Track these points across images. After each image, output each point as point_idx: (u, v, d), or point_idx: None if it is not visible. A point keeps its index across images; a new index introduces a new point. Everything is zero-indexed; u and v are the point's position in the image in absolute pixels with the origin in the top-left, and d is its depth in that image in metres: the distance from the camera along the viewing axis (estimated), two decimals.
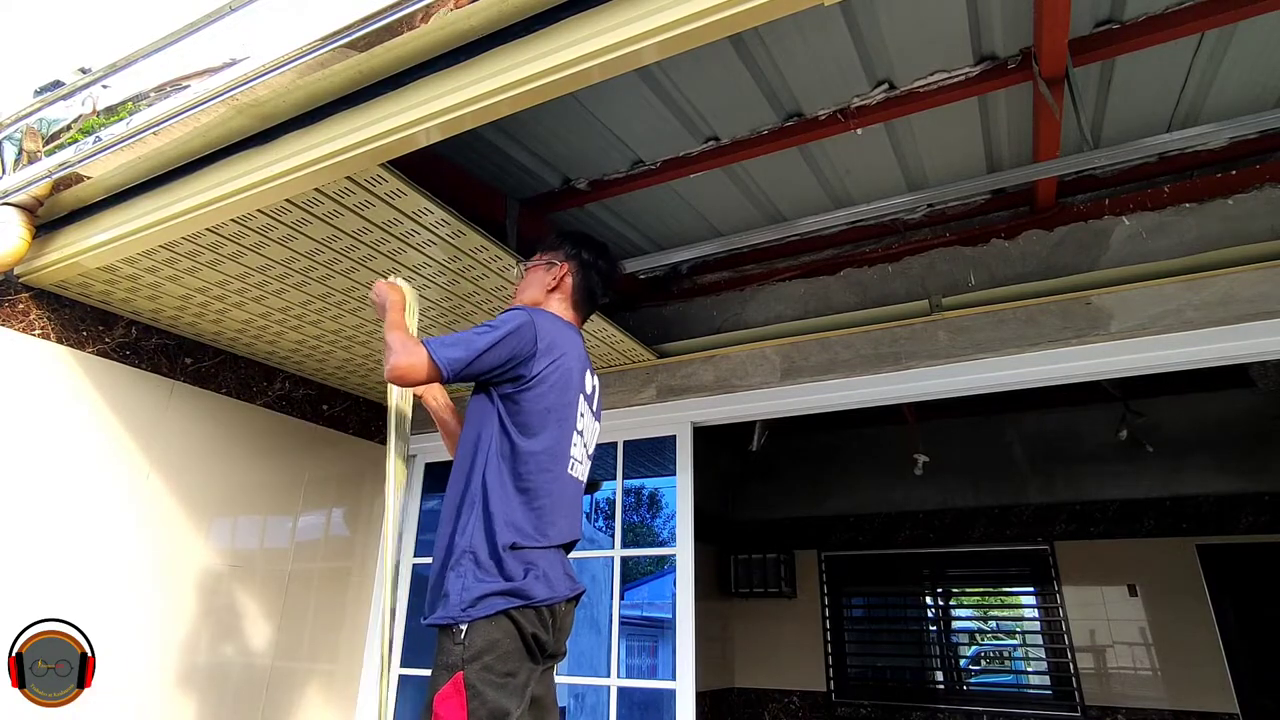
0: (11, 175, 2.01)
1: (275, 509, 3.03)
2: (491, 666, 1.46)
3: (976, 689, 5.22)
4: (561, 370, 1.67)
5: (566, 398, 1.68)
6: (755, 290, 3.01)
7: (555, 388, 1.66)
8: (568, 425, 1.69)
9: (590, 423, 1.82)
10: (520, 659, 1.51)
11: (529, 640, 1.52)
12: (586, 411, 1.78)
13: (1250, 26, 1.84)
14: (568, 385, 1.69)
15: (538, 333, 1.64)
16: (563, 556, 1.69)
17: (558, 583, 1.60)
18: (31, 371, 2.26)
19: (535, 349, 1.62)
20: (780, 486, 5.87)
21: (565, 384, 1.68)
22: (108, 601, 2.37)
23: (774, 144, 2.22)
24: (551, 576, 1.59)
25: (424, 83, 1.50)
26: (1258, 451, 4.48)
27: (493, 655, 1.48)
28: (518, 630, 1.51)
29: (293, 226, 2.05)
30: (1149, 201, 2.41)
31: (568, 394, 1.69)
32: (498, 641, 1.49)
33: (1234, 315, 2.20)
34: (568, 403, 1.69)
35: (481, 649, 1.47)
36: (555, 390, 1.66)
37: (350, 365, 3.13)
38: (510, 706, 1.46)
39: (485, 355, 1.57)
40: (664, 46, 1.32)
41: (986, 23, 1.84)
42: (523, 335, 1.61)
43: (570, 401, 1.70)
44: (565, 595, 1.62)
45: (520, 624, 1.51)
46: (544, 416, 1.64)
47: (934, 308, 2.59)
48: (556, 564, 1.64)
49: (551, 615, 1.58)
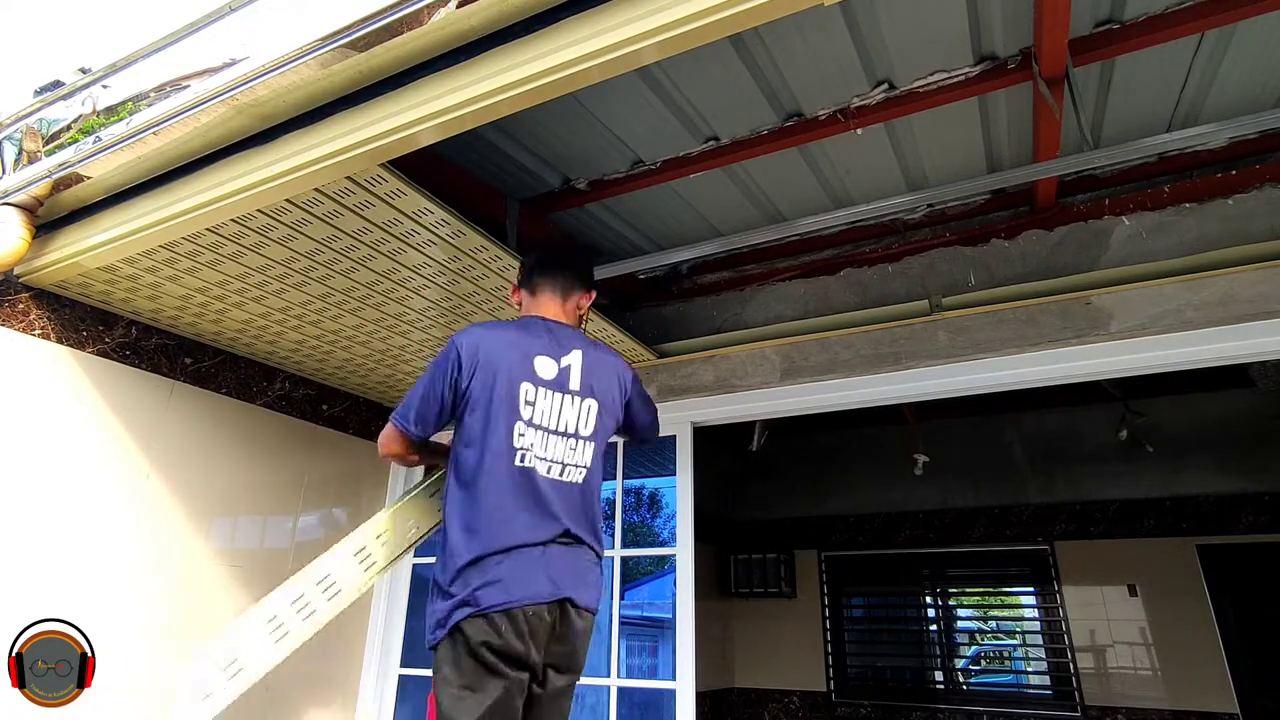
0: (11, 175, 2.01)
1: (275, 509, 3.03)
2: (449, 679, 1.50)
3: (976, 689, 5.23)
4: (484, 371, 1.66)
5: (495, 393, 1.65)
6: (755, 290, 3.01)
7: (482, 388, 1.66)
8: (504, 420, 1.64)
9: (556, 405, 1.71)
10: (476, 671, 1.50)
11: (476, 649, 1.49)
12: (544, 396, 1.70)
13: (1250, 26, 1.84)
14: (493, 382, 1.66)
15: (458, 350, 1.68)
16: (547, 558, 1.60)
17: (520, 586, 1.54)
18: (31, 371, 2.26)
19: (460, 365, 1.66)
20: (780, 486, 5.87)
21: (490, 381, 1.66)
22: (108, 601, 2.37)
23: (774, 144, 2.22)
24: (510, 581, 1.54)
25: (424, 82, 1.50)
26: (1258, 451, 4.49)
27: (448, 668, 1.51)
28: (465, 640, 1.51)
29: (293, 226, 2.05)
30: (1149, 201, 2.41)
31: (496, 389, 1.65)
32: (451, 656, 1.52)
33: (1234, 315, 2.20)
34: (499, 397, 1.65)
35: (440, 665, 1.53)
36: (482, 391, 1.65)
37: (350, 365, 3.14)
38: (459, 718, 1.46)
39: (425, 394, 1.66)
40: (664, 46, 1.32)
41: (986, 23, 1.84)
42: (442, 360, 1.68)
43: (503, 395, 1.65)
44: (529, 599, 1.54)
45: (467, 634, 1.51)
46: (474, 422, 1.65)
47: (934, 308, 2.59)
48: (530, 567, 1.57)
49: (511, 621, 1.52)
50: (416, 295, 2.50)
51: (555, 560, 1.61)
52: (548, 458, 1.67)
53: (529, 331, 1.76)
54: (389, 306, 2.57)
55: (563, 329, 1.82)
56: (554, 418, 1.70)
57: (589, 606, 1.66)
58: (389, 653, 3.34)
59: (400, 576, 3.46)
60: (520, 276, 1.95)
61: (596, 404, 1.77)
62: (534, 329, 1.78)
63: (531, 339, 1.74)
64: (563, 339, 1.79)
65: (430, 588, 1.61)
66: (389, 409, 3.67)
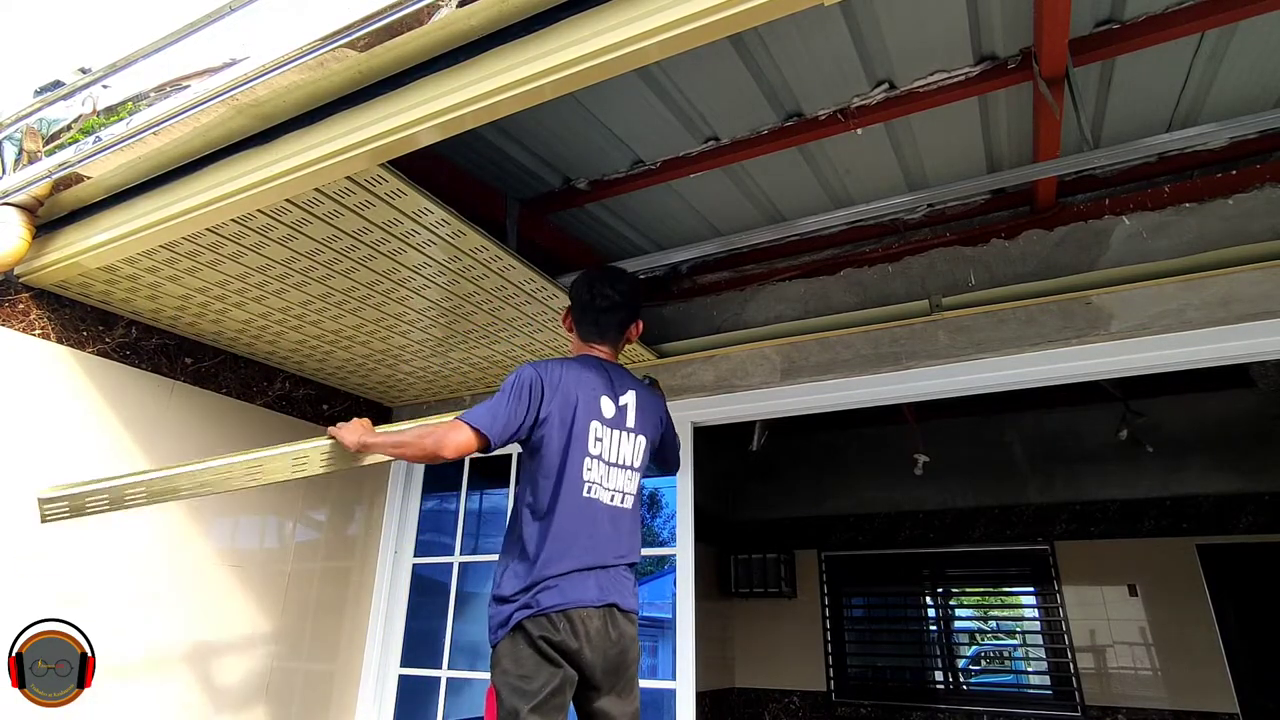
0: (12, 175, 2.01)
1: (275, 509, 3.03)
2: (508, 671, 1.68)
3: (977, 689, 5.23)
4: (563, 407, 1.82)
5: (573, 430, 1.82)
6: (755, 290, 3.01)
7: (560, 424, 1.82)
8: (577, 455, 1.82)
9: (616, 441, 1.91)
10: (534, 661, 1.67)
11: (535, 641, 1.68)
12: (608, 434, 1.89)
13: (1250, 26, 1.84)
14: (571, 419, 1.83)
15: (543, 382, 1.83)
16: (595, 578, 1.79)
17: (574, 592, 1.73)
18: (32, 371, 2.26)
19: (543, 396, 1.81)
20: (780, 486, 5.87)
21: (568, 418, 1.82)
22: (107, 601, 2.37)
23: (774, 144, 2.22)
24: (566, 588, 1.72)
25: (425, 82, 1.50)
26: (1258, 451, 4.49)
27: (508, 661, 1.69)
28: (525, 635, 1.69)
29: (293, 226, 2.05)
30: (1149, 201, 2.41)
31: (575, 427, 1.83)
32: (511, 651, 1.70)
33: (1234, 315, 2.20)
34: (575, 434, 1.82)
35: (500, 659, 1.71)
36: (560, 427, 1.81)
37: (350, 365, 3.14)
38: (520, 706, 1.62)
39: (510, 413, 1.78)
40: (664, 46, 1.32)
41: (986, 23, 1.84)
42: (524, 386, 1.81)
43: (579, 432, 1.83)
44: (580, 602, 1.73)
45: (527, 629, 1.69)
46: (551, 456, 1.81)
47: (934, 308, 2.59)
48: (583, 579, 1.76)
49: (569, 621, 1.70)
50: (417, 295, 2.50)
51: (604, 575, 1.81)
52: (610, 488, 1.88)
53: (594, 372, 1.93)
54: (389, 306, 2.57)
55: (617, 371, 2.01)
56: (614, 452, 1.90)
57: (631, 609, 1.86)
58: (389, 653, 3.34)
59: (401, 577, 3.46)
60: (575, 311, 2.06)
61: (645, 440, 1.99)
62: (596, 369, 1.94)
63: (597, 379, 1.92)
64: (618, 380, 1.97)
65: (491, 600, 1.79)
66: (389, 409, 3.69)
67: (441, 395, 3.56)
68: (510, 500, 3.36)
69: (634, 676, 1.87)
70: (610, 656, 1.76)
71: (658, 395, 2.14)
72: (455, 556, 3.43)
